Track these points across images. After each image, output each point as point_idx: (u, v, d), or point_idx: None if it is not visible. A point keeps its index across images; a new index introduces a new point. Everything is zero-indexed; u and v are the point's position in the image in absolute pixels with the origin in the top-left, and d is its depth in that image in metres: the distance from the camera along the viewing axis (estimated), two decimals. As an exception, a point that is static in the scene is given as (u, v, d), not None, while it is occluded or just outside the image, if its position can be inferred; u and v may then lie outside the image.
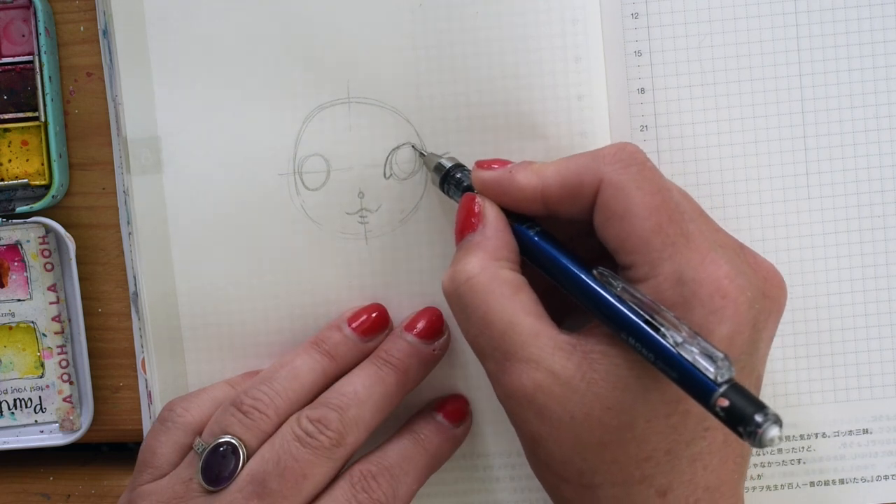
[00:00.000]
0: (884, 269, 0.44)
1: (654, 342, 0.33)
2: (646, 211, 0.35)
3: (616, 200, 0.35)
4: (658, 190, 0.35)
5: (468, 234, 0.38)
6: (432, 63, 0.43)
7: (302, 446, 0.38)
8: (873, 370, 0.45)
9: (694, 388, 0.31)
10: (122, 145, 0.43)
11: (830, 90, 0.44)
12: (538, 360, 0.35)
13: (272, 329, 0.44)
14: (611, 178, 0.35)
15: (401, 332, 0.42)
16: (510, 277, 0.36)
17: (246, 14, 0.43)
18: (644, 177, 0.35)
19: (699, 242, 0.35)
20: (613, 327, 0.34)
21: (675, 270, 0.34)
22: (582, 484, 0.36)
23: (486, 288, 0.36)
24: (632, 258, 0.35)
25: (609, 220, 0.35)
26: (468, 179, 0.40)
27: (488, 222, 0.38)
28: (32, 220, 0.46)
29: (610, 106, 0.43)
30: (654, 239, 0.34)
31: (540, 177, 0.37)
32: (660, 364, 0.32)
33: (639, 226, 0.35)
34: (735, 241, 0.37)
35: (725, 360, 0.31)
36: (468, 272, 0.36)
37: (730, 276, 0.34)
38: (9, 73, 0.45)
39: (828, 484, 0.45)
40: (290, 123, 0.43)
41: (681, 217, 0.35)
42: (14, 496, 0.49)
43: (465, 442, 0.43)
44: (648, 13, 0.44)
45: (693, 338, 0.32)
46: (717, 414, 0.30)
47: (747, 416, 0.29)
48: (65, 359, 0.47)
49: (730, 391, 0.30)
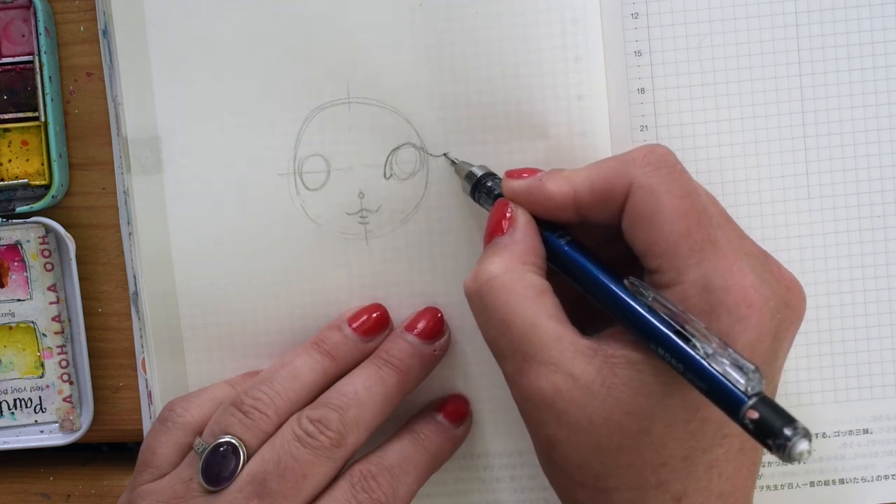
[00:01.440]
0: (884, 269, 0.44)
1: (684, 353, 0.32)
2: (675, 214, 0.35)
3: (646, 204, 0.35)
4: (687, 194, 0.35)
5: (496, 237, 0.38)
6: (432, 63, 0.43)
7: (302, 446, 0.38)
8: (873, 370, 0.45)
9: (723, 400, 0.31)
10: (122, 145, 0.43)
11: (830, 90, 0.44)
12: (558, 363, 0.35)
13: (272, 329, 0.44)
14: (641, 181, 0.35)
15: (401, 332, 0.42)
16: (534, 281, 0.36)
17: (246, 14, 0.43)
18: (674, 179, 0.35)
19: (726, 250, 0.34)
20: (643, 337, 0.34)
21: (701, 277, 0.34)
22: (597, 488, 0.35)
23: (510, 289, 0.36)
24: (658, 262, 0.35)
25: (638, 223, 0.35)
26: (499, 188, 0.40)
27: (518, 226, 0.38)
28: (32, 220, 0.46)
29: (610, 106, 0.43)
30: (682, 244, 0.34)
31: (570, 184, 0.37)
32: (689, 375, 0.32)
33: (667, 230, 0.34)
34: (760, 249, 0.37)
35: (756, 373, 0.31)
36: (491, 272, 0.36)
37: (755, 285, 0.34)
38: (9, 73, 0.45)
39: (828, 484, 0.45)
40: (290, 123, 0.43)
41: (709, 222, 0.35)
42: (14, 496, 0.49)
43: (466, 442, 0.43)
44: (648, 13, 0.44)
45: (723, 349, 0.32)
46: (745, 426, 0.30)
47: (776, 429, 0.29)
48: (65, 359, 0.47)
49: (759, 404, 0.30)
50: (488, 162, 0.42)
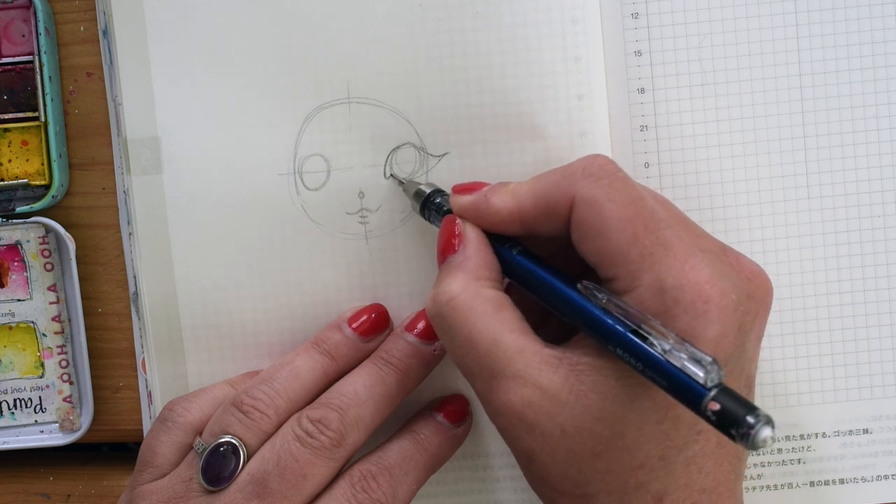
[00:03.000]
0: (884, 269, 0.44)
1: (642, 351, 0.32)
2: (620, 223, 0.34)
3: (590, 216, 0.35)
4: (631, 201, 0.35)
5: (449, 256, 0.38)
6: (432, 63, 0.43)
7: (302, 446, 0.38)
8: (873, 370, 0.45)
9: (684, 395, 0.31)
10: (122, 145, 0.43)
11: (830, 90, 0.44)
12: (525, 375, 0.35)
13: (272, 329, 0.44)
14: (583, 193, 0.35)
15: (401, 332, 0.42)
16: (492, 296, 0.36)
17: (246, 14, 0.43)
18: (615, 188, 0.35)
19: (678, 249, 0.34)
20: (601, 339, 0.34)
21: (655, 280, 0.34)
22: (577, 495, 0.36)
23: (469, 307, 0.36)
24: (612, 271, 0.35)
25: (585, 235, 0.35)
26: (448, 204, 0.40)
27: (468, 242, 0.38)
28: (32, 220, 0.46)
29: (610, 106, 0.43)
30: (632, 251, 0.34)
31: (514, 198, 0.37)
32: (649, 373, 0.32)
33: (615, 239, 0.34)
34: (717, 243, 0.37)
35: (714, 364, 0.31)
36: (449, 293, 0.36)
37: (711, 280, 0.34)
38: (9, 73, 0.45)
39: (828, 484, 0.45)
40: (290, 123, 0.43)
41: (657, 225, 0.35)
42: (14, 496, 0.49)
43: (466, 442, 0.43)
44: (648, 13, 0.44)
45: (680, 344, 0.32)
46: (708, 418, 0.30)
47: (739, 418, 0.29)
48: (65, 359, 0.47)
49: (720, 395, 0.30)
50: (488, 162, 0.42)
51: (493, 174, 0.42)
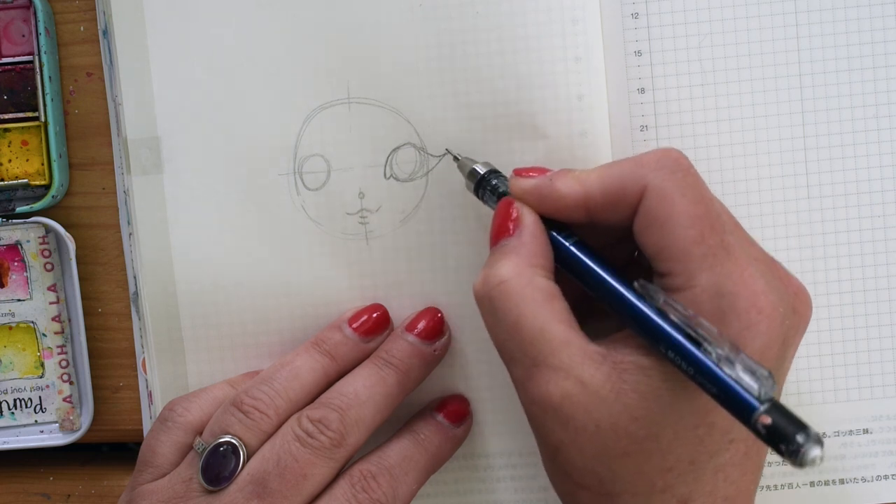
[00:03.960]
0: (884, 269, 0.44)
1: (696, 357, 0.32)
2: (689, 220, 0.34)
3: (660, 207, 0.35)
4: (702, 199, 0.35)
5: (503, 239, 0.37)
6: (432, 63, 0.43)
7: (302, 446, 0.38)
8: (873, 370, 0.45)
9: (735, 405, 0.31)
10: (122, 145, 0.43)
11: (830, 90, 0.44)
12: (567, 368, 0.35)
13: (272, 329, 0.44)
14: (655, 184, 0.35)
15: (401, 332, 0.42)
16: (544, 285, 0.36)
17: (246, 14, 0.43)
18: (688, 184, 0.35)
19: (738, 255, 0.34)
20: (652, 340, 0.34)
21: (714, 282, 0.34)
22: (601, 493, 0.35)
23: (520, 293, 0.36)
24: (670, 266, 0.35)
25: (651, 226, 0.35)
26: (503, 185, 0.39)
27: (525, 228, 0.37)
28: (32, 220, 0.46)
29: (610, 106, 0.43)
30: (695, 249, 0.34)
31: (582, 184, 0.37)
32: (699, 378, 0.32)
33: (681, 234, 0.34)
34: (768, 255, 0.37)
35: (769, 378, 0.31)
36: (501, 276, 0.36)
37: (765, 291, 0.34)
38: (9, 73, 0.45)
39: (828, 484, 0.45)
40: (290, 123, 0.43)
41: (722, 228, 0.35)
42: (14, 496, 0.49)
43: (466, 442, 0.43)
44: (648, 13, 0.44)
45: (736, 353, 0.32)
46: (758, 432, 0.30)
47: (789, 435, 0.29)
48: (65, 359, 0.47)
49: (772, 409, 0.30)
50: (489, 161, 0.42)
51: (493, 174, 0.42)
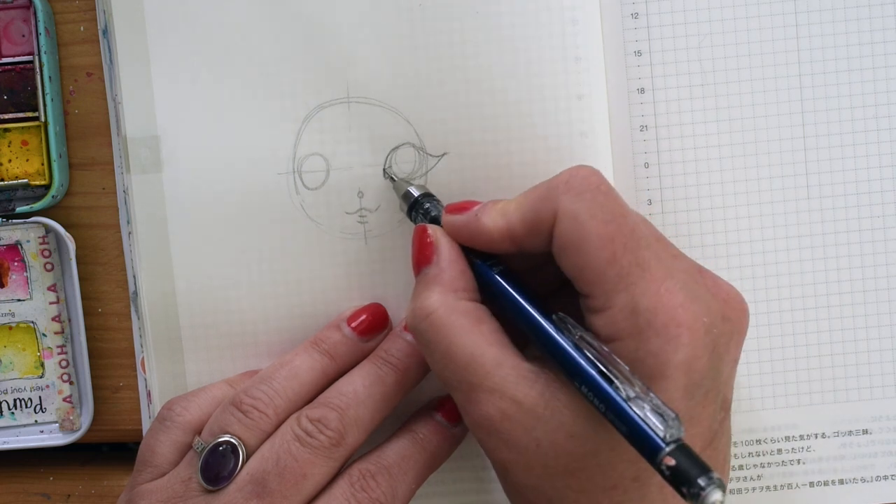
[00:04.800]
0: (884, 269, 0.44)
1: (606, 394, 0.32)
2: (599, 241, 0.34)
3: (571, 231, 0.35)
4: (612, 218, 0.35)
5: (423, 268, 0.38)
6: (432, 63, 0.43)
7: (301, 446, 0.38)
8: (873, 370, 0.45)
9: (642, 444, 0.31)
10: (122, 145, 0.44)
11: (830, 90, 0.44)
12: (502, 389, 0.35)
13: (272, 329, 0.44)
14: (565, 207, 0.35)
15: (400, 331, 0.42)
16: (469, 309, 0.37)
17: (246, 14, 0.43)
18: (598, 204, 0.35)
19: (655, 270, 0.34)
20: (567, 374, 0.34)
21: (629, 301, 0.34)
22: None
23: (446, 323, 0.36)
24: (588, 288, 0.35)
25: (565, 250, 0.35)
26: (436, 210, 0.40)
27: (442, 253, 0.38)
28: (32, 220, 0.46)
29: (610, 106, 0.43)
30: (609, 270, 0.34)
31: (504, 216, 0.37)
32: (610, 416, 0.32)
33: (593, 256, 0.34)
34: (693, 264, 0.37)
35: (676, 420, 0.31)
36: (427, 308, 0.37)
37: (685, 304, 0.34)
38: (9, 73, 0.45)
39: (828, 484, 0.45)
40: (289, 123, 0.43)
41: (636, 244, 0.34)
42: (14, 496, 0.49)
43: (464, 442, 0.43)
44: (648, 13, 0.44)
45: (646, 394, 0.32)
46: (662, 472, 0.30)
47: (691, 478, 0.29)
48: (65, 359, 0.47)
49: (677, 451, 0.30)
50: (488, 162, 0.42)
51: (492, 174, 0.42)
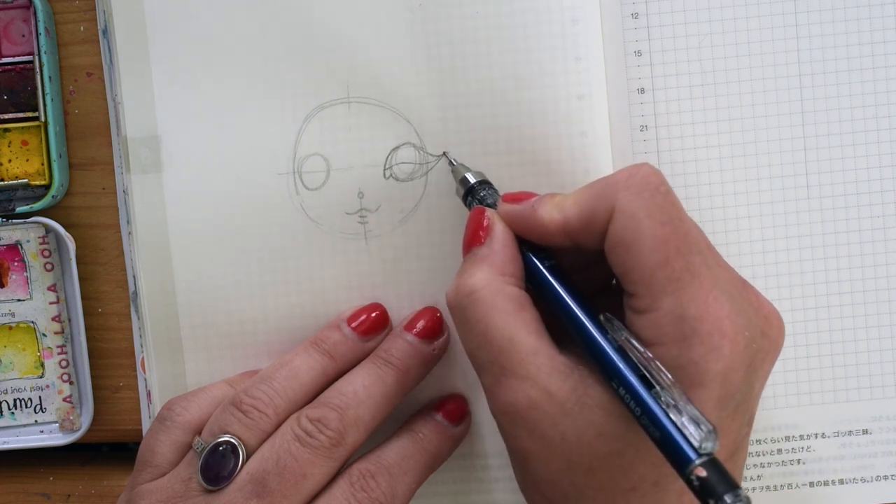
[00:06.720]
0: (884, 269, 0.44)
1: (643, 399, 0.32)
2: (654, 242, 0.34)
3: (626, 229, 0.34)
4: (669, 219, 0.34)
5: (474, 248, 0.38)
6: (432, 63, 0.43)
7: (301, 446, 0.38)
8: (873, 370, 0.45)
9: (673, 452, 0.31)
10: (121, 145, 0.44)
11: (830, 90, 0.44)
12: (535, 378, 0.35)
13: (272, 329, 0.44)
14: (622, 205, 0.35)
15: (400, 331, 0.42)
16: (514, 294, 0.36)
17: (246, 14, 0.43)
18: (656, 204, 0.34)
19: (704, 278, 0.34)
20: (606, 375, 0.34)
21: (677, 306, 0.33)
22: None
23: (490, 302, 0.36)
24: (635, 288, 0.34)
25: (617, 248, 0.35)
26: (492, 198, 0.40)
27: (495, 236, 0.37)
28: (32, 220, 0.46)
29: (610, 106, 0.43)
30: (660, 272, 0.34)
31: (560, 210, 0.37)
32: (644, 420, 0.32)
33: (645, 257, 0.34)
34: (738, 276, 0.37)
35: (713, 433, 0.31)
36: (472, 285, 0.36)
37: (730, 315, 0.34)
38: (9, 73, 0.45)
39: (828, 484, 0.45)
40: (289, 123, 0.43)
41: (689, 250, 0.34)
42: (14, 496, 0.49)
43: (464, 442, 0.43)
44: (648, 13, 0.44)
45: (685, 403, 0.32)
46: (690, 482, 0.30)
47: (718, 492, 0.29)
48: (65, 359, 0.47)
49: (709, 464, 0.30)
50: (489, 162, 0.42)
51: (492, 174, 0.42)
